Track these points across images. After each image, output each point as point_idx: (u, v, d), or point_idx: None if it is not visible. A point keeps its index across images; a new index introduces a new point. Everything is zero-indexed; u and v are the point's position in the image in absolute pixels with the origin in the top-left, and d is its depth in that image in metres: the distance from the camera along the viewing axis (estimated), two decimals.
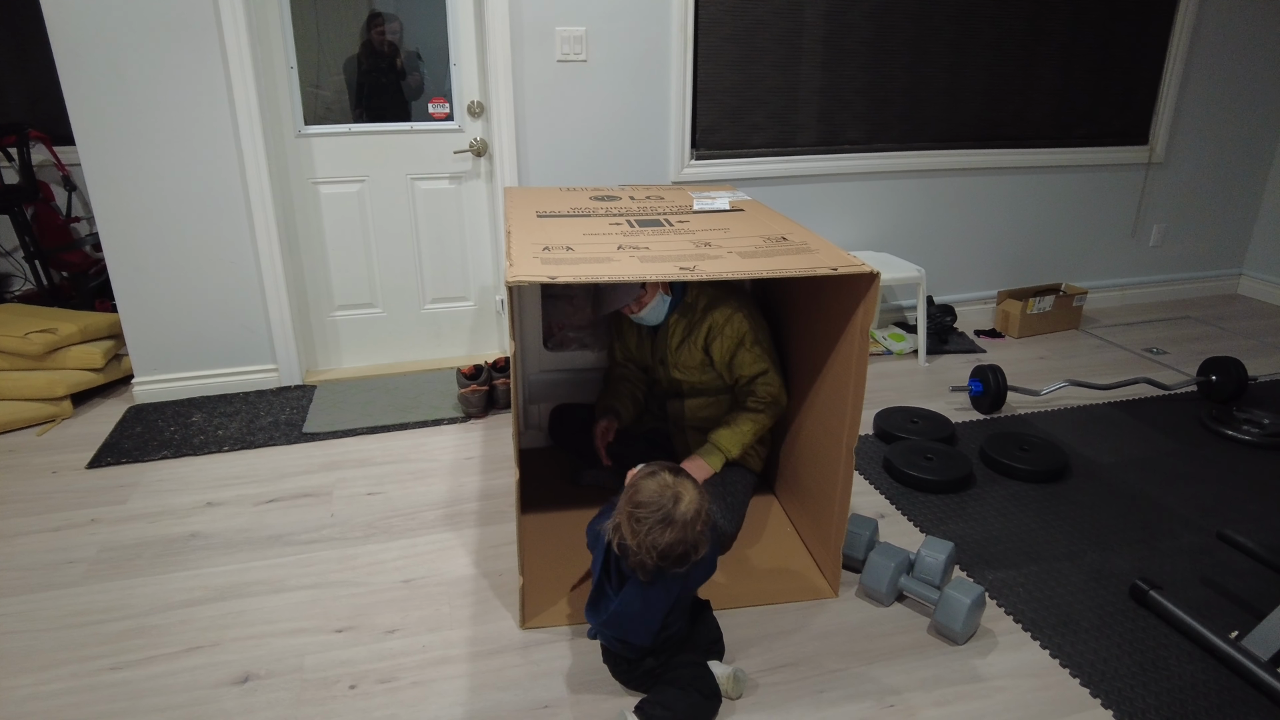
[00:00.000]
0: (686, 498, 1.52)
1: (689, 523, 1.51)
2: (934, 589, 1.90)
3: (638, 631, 1.57)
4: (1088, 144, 3.76)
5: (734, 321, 2.12)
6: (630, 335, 2.34)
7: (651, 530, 1.49)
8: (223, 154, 2.83)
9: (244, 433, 2.77)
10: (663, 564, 1.51)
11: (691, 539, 1.52)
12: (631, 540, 1.51)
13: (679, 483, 1.54)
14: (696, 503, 1.53)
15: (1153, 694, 1.69)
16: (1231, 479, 2.52)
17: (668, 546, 1.50)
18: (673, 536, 1.50)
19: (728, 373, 2.17)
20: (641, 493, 1.53)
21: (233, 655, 1.80)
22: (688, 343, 2.17)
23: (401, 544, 2.20)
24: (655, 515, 1.50)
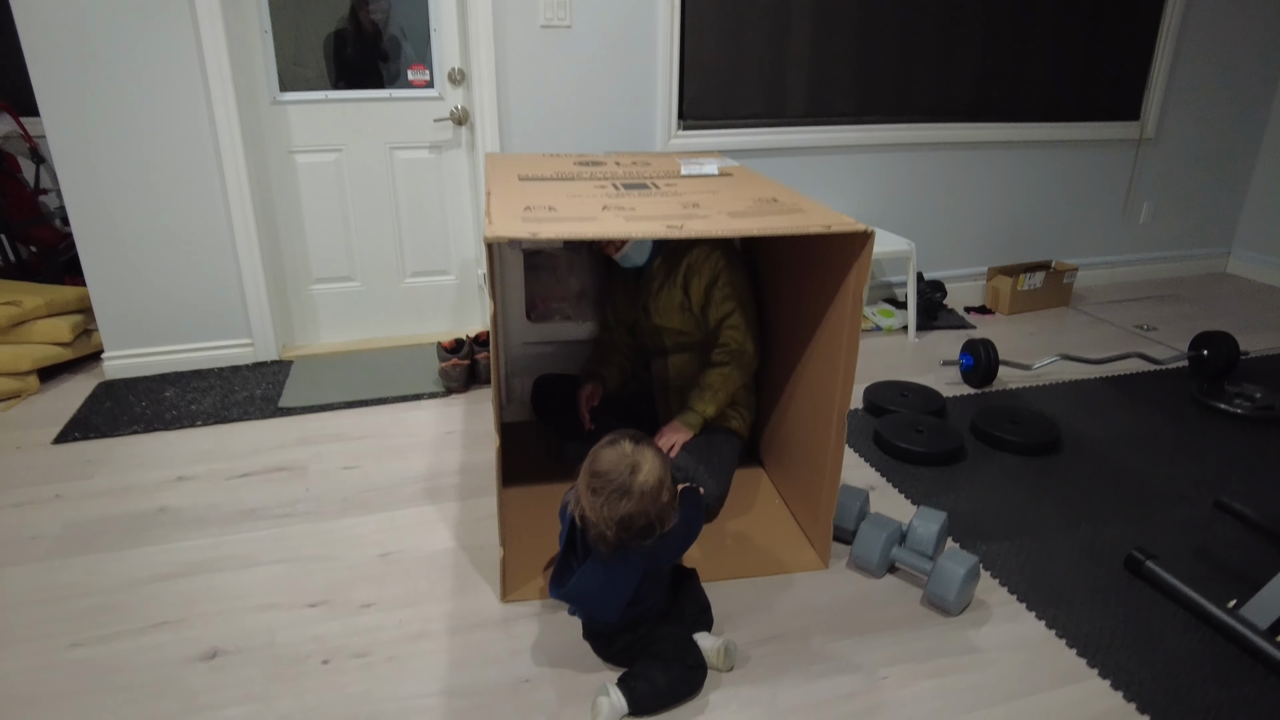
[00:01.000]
0: (645, 467, 1.45)
1: (648, 493, 1.44)
2: (927, 560, 1.85)
3: (601, 608, 1.51)
4: (1079, 119, 3.71)
5: (712, 259, 2.11)
6: (618, 292, 2.31)
7: (609, 501, 1.43)
8: (194, 121, 2.73)
9: (218, 408, 2.69)
10: (623, 536, 1.45)
11: (655, 511, 1.45)
12: (591, 512, 1.45)
13: (638, 451, 1.47)
14: (657, 473, 1.46)
15: (1150, 664, 1.65)
16: (1224, 453, 2.49)
17: (626, 518, 1.43)
18: (631, 508, 1.43)
19: (702, 316, 2.15)
20: (599, 462, 1.47)
21: (200, 631, 1.72)
22: (668, 284, 2.15)
23: (379, 518, 2.13)
24: (611, 485, 1.43)
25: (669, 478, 1.48)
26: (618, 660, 1.60)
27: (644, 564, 1.50)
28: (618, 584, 1.49)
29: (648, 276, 2.20)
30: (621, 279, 2.32)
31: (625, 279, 2.31)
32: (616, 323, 2.36)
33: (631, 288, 2.28)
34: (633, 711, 1.49)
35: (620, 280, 2.33)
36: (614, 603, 1.50)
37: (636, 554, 1.48)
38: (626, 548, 1.46)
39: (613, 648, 1.58)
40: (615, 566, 1.48)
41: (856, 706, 1.55)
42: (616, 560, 1.47)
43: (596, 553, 1.49)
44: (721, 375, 2.08)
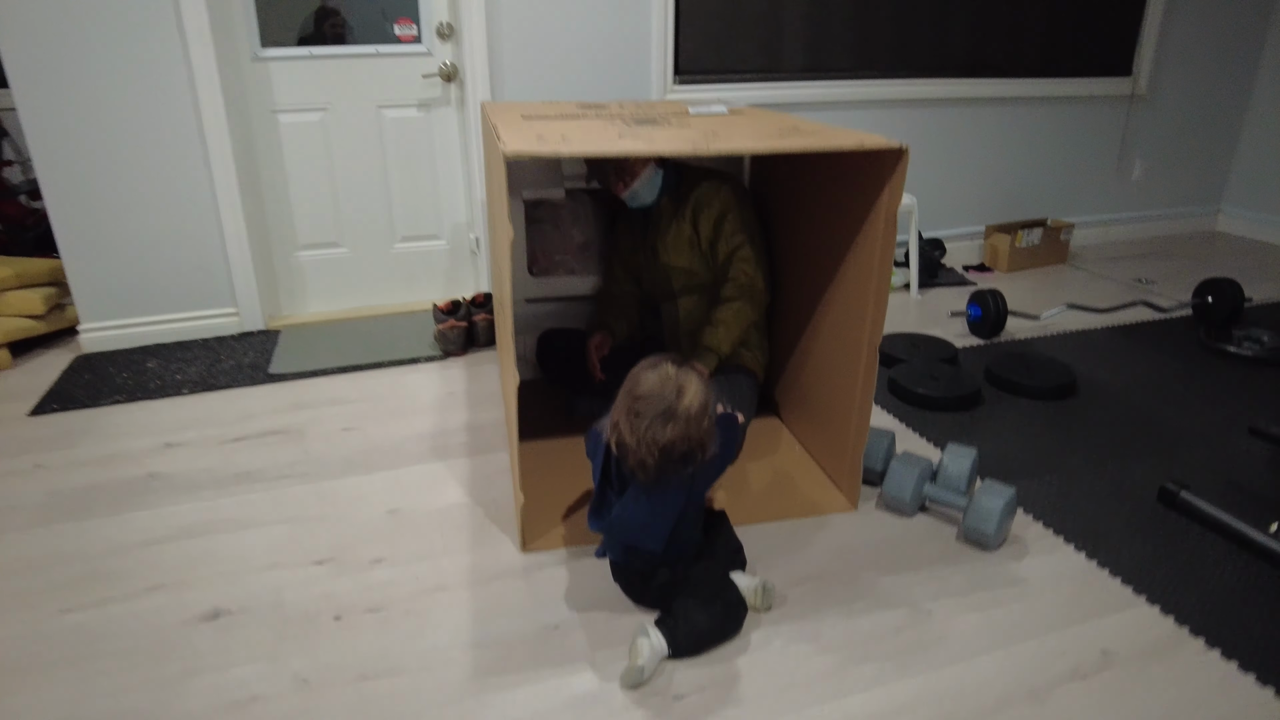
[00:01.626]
0: (691, 390, 1.38)
1: (693, 418, 1.37)
2: (961, 495, 1.79)
3: (645, 538, 1.43)
4: (1072, 75, 3.68)
5: (721, 193, 2.07)
6: (625, 239, 2.25)
7: (652, 426, 1.35)
8: (172, 80, 2.60)
9: (204, 376, 2.56)
10: (665, 464, 1.37)
11: (697, 436, 1.38)
12: (630, 438, 1.37)
13: (683, 374, 1.40)
14: (702, 395, 1.39)
15: (1196, 590, 1.60)
16: (1239, 393, 2.46)
17: (669, 444, 1.35)
18: (675, 433, 1.35)
19: (711, 252, 2.09)
20: (641, 385, 1.38)
21: (201, 593, 1.61)
22: (676, 220, 2.11)
23: (383, 476, 2.03)
24: (656, 409, 1.35)
25: (711, 402, 1.40)
26: (651, 602, 1.52)
27: (685, 492, 1.42)
28: (661, 512, 1.41)
29: (655, 216, 2.13)
30: (628, 224, 2.24)
31: (631, 225, 2.22)
32: (623, 272, 2.28)
33: (638, 233, 2.20)
34: (674, 652, 1.41)
35: (626, 226, 2.25)
36: (657, 532, 1.41)
37: (678, 480, 1.40)
38: (668, 475, 1.38)
39: (649, 586, 1.49)
40: (657, 494, 1.40)
41: (905, 640, 1.48)
42: (658, 488, 1.39)
43: (635, 482, 1.40)
44: (733, 310, 2.02)
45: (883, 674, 1.40)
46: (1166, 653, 1.45)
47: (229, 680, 1.40)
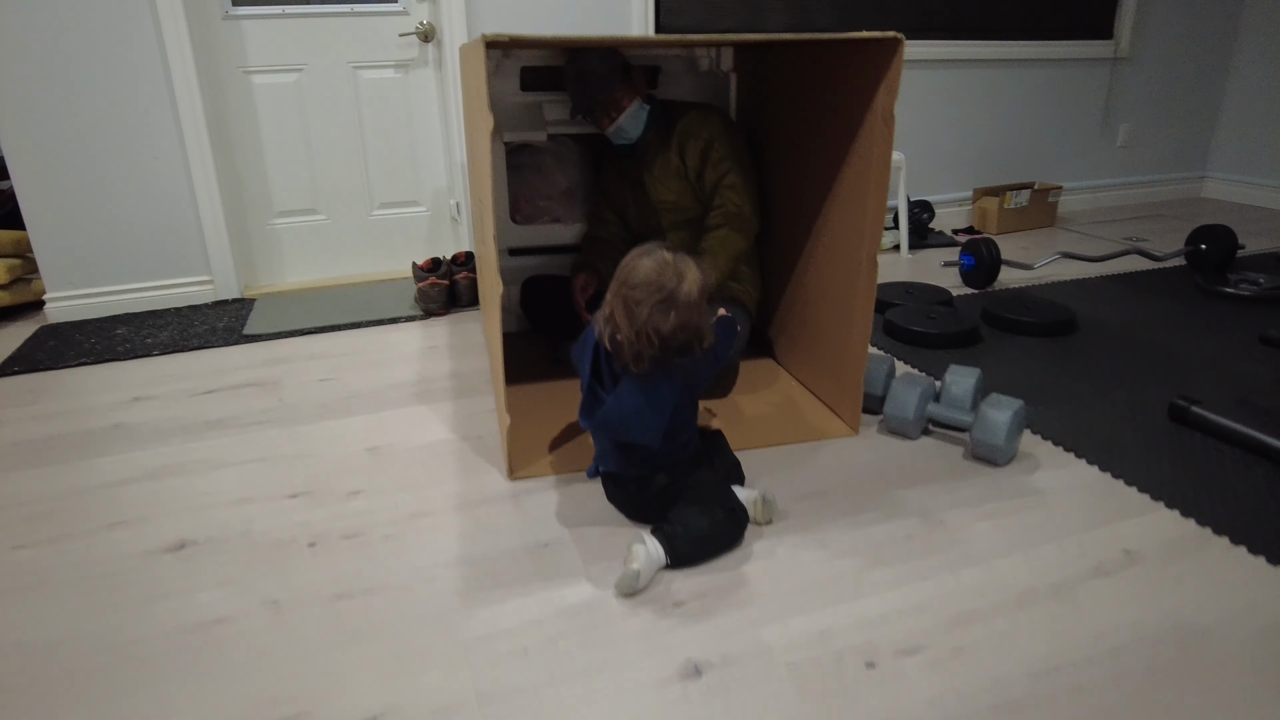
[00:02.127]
0: (690, 275, 1.32)
1: (694, 304, 1.31)
2: (967, 413, 1.72)
3: (639, 429, 1.34)
4: (1055, 38, 3.67)
5: (709, 121, 2.01)
6: (610, 178, 2.18)
7: (653, 314, 1.28)
8: (141, 39, 2.52)
9: (176, 339, 2.46)
10: (665, 354, 1.30)
11: (696, 323, 1.32)
12: (629, 329, 1.29)
13: (680, 260, 1.33)
14: (699, 281, 1.32)
15: (1217, 495, 1.53)
16: (1241, 324, 2.41)
17: (671, 333, 1.29)
18: (677, 320, 1.29)
19: (698, 182, 2.02)
20: (638, 273, 1.31)
21: (164, 526, 1.51)
22: (663, 153, 2.04)
23: (362, 419, 1.93)
24: (656, 296, 1.28)
25: (709, 287, 1.33)
26: (648, 515, 1.43)
27: (681, 380, 1.34)
28: (655, 403, 1.32)
29: (640, 150, 2.07)
30: (614, 166, 2.17)
31: (618, 166, 2.15)
32: (610, 213, 2.21)
33: (625, 172, 2.13)
34: (672, 560, 1.32)
35: (612, 166, 2.18)
36: (654, 423, 1.33)
37: (675, 370, 1.32)
38: (665, 365, 1.30)
39: (646, 493, 1.40)
40: (652, 383, 1.32)
41: (919, 546, 1.40)
42: (652, 378, 1.31)
43: (629, 374, 1.32)
44: (719, 238, 1.95)
45: (898, 577, 1.32)
46: (1191, 550, 1.38)
47: (192, 604, 1.29)
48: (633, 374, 1.32)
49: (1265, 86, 3.98)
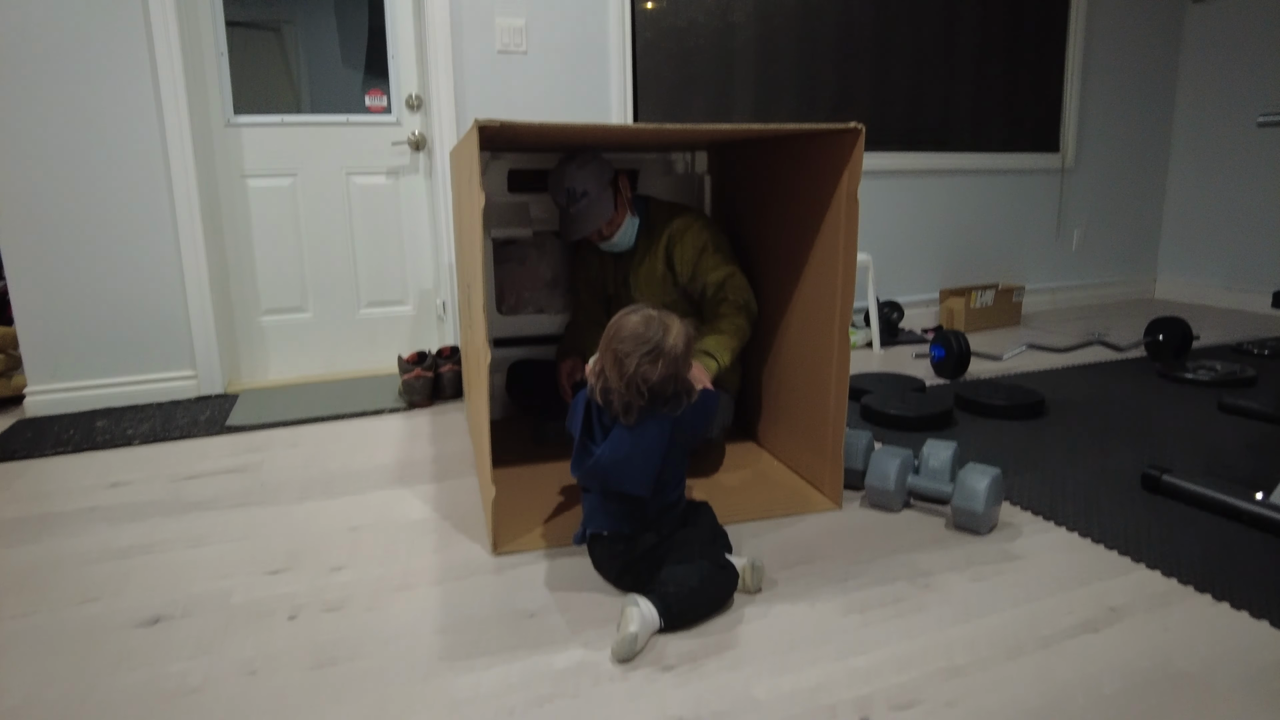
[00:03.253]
0: (675, 328, 1.41)
1: (679, 356, 1.39)
2: (946, 483, 1.75)
3: (630, 477, 1.37)
4: (1006, 150, 3.95)
5: (693, 229, 2.05)
6: (592, 260, 2.25)
7: (641, 364, 1.35)
8: (145, 143, 2.65)
9: (157, 430, 2.45)
10: (653, 405, 1.37)
11: (682, 374, 1.40)
12: (618, 380, 1.35)
13: (665, 314, 1.42)
14: (685, 335, 1.41)
15: (1194, 554, 1.56)
16: (1202, 404, 2.50)
17: (660, 382, 1.36)
18: (664, 370, 1.36)
19: (692, 284, 2.06)
20: (625, 328, 1.39)
21: (139, 601, 1.47)
22: (649, 257, 2.08)
23: (345, 500, 1.92)
24: (644, 348, 1.36)
25: (692, 340, 1.41)
26: (636, 576, 1.42)
27: (669, 430, 1.37)
28: (645, 449, 1.35)
29: (627, 251, 2.15)
30: (594, 253, 2.26)
31: (598, 254, 2.25)
32: (589, 298, 2.28)
33: (608, 260, 2.22)
34: (666, 621, 1.30)
35: (593, 255, 2.27)
36: (644, 470, 1.36)
37: (663, 420, 1.36)
38: (654, 415, 1.35)
39: (634, 553, 1.40)
40: (642, 431, 1.36)
41: (907, 607, 1.39)
42: (641, 427, 1.36)
43: (619, 425, 1.36)
44: (732, 323, 1.97)
45: (888, 635, 1.31)
46: (1176, 605, 1.39)
47: (164, 674, 1.25)
48: (623, 424, 1.36)
49: (1201, 193, 4.27)
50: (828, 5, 3.45)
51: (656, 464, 1.36)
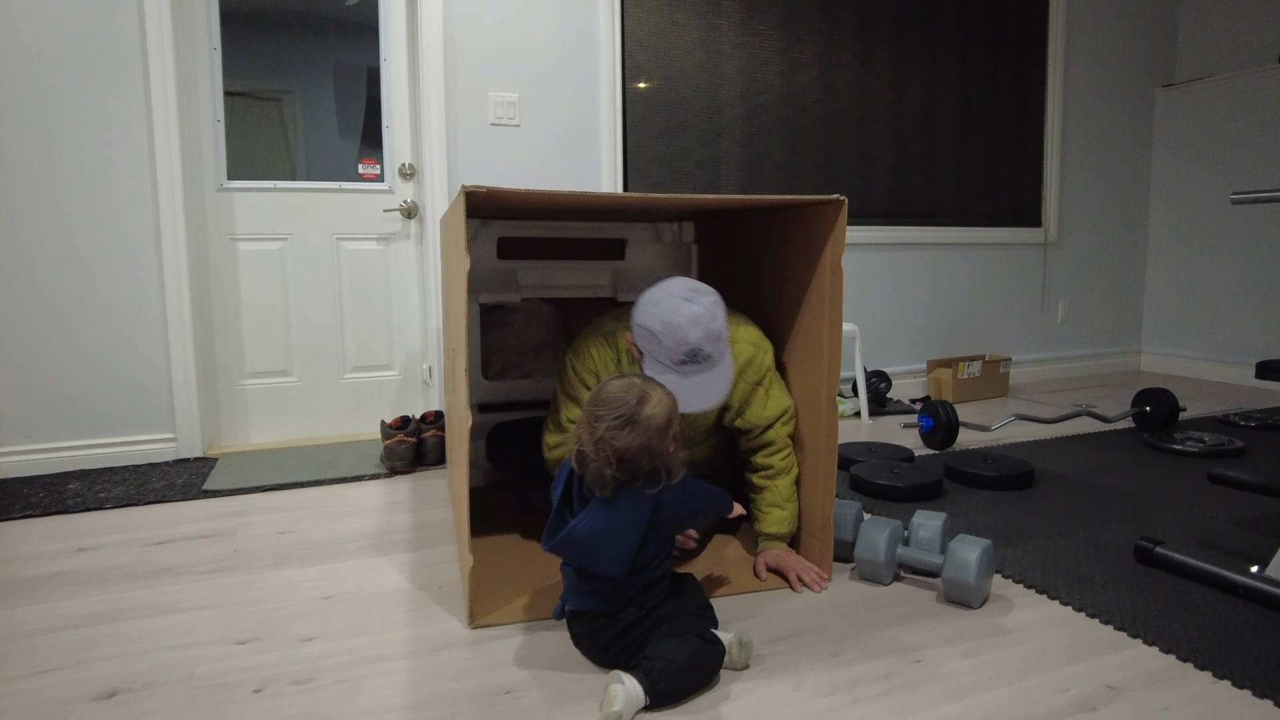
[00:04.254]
0: (654, 399, 1.36)
1: (655, 429, 1.33)
2: (936, 554, 1.72)
3: (601, 555, 1.32)
4: (989, 224, 4.03)
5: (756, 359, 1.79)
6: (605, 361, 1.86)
7: (610, 429, 1.31)
8: (137, 203, 2.67)
9: (131, 494, 2.39)
10: (622, 475, 1.32)
11: (659, 451, 1.34)
12: (590, 446, 1.32)
13: (649, 385, 1.38)
14: (666, 408, 1.36)
15: (1191, 630, 1.52)
16: (1191, 475, 2.49)
17: (630, 452, 1.31)
18: (634, 441, 1.31)
19: (738, 415, 1.81)
20: (605, 391, 1.36)
21: (96, 673, 1.40)
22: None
23: (319, 568, 1.86)
24: (615, 412, 1.32)
25: (676, 419, 1.36)
26: (618, 653, 1.36)
27: (649, 510, 1.33)
28: (619, 528, 1.31)
29: None
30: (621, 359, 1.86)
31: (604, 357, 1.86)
32: None
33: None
34: (652, 699, 1.25)
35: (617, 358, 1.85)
36: (617, 551, 1.30)
37: (642, 500, 1.32)
38: (629, 490, 1.30)
39: (614, 629, 1.35)
40: (617, 507, 1.31)
41: (897, 684, 1.34)
42: (617, 503, 1.31)
43: (595, 497, 1.32)
44: (790, 476, 1.81)
45: (879, 713, 1.26)
46: (1175, 683, 1.34)
47: None
48: (599, 498, 1.32)
49: (1180, 267, 4.36)
50: (813, 84, 3.57)
51: (632, 545, 1.32)
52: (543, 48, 3.10)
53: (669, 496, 1.37)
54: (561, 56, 3.13)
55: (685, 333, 1.53)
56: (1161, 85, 4.40)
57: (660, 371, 1.57)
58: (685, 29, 3.33)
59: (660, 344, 1.55)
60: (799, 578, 1.72)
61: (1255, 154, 3.99)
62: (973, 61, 3.91)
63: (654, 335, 1.55)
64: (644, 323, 1.57)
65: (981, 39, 3.92)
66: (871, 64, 3.68)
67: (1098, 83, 4.25)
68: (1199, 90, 4.24)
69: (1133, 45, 4.33)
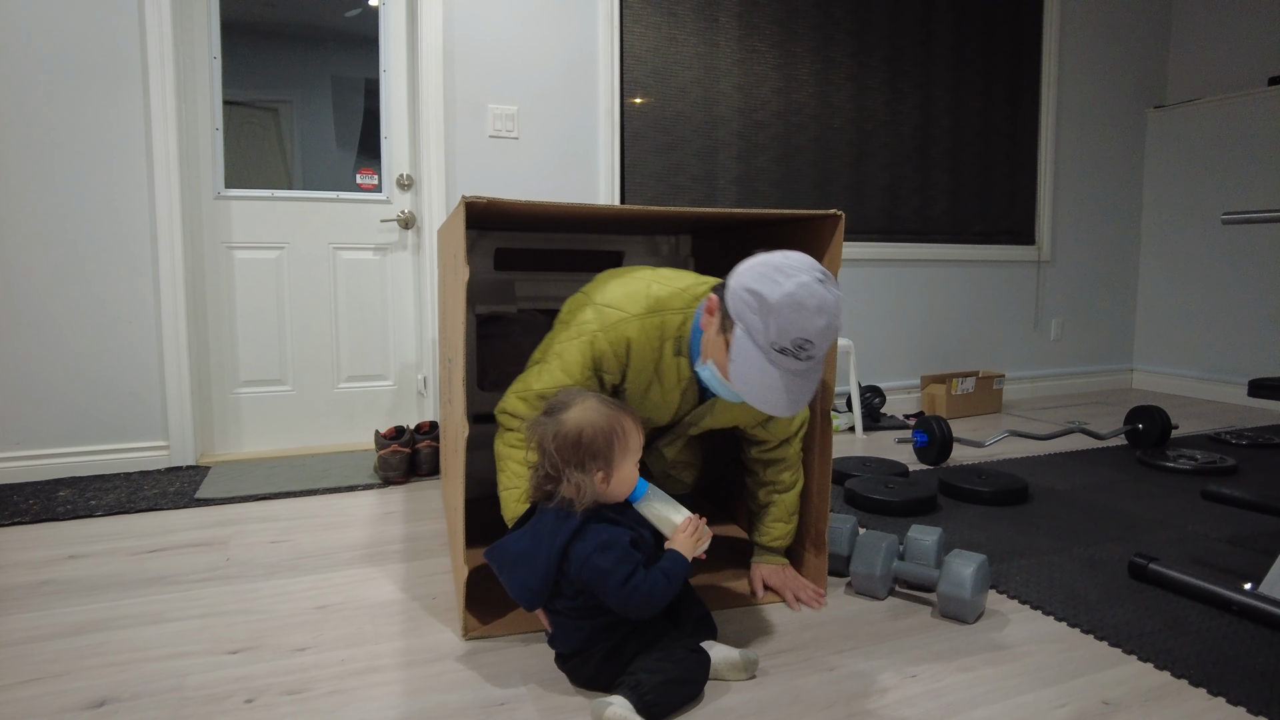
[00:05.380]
0: (580, 411, 1.33)
1: (556, 436, 1.31)
2: (932, 568, 1.71)
3: (514, 581, 1.33)
4: (983, 242, 4.06)
5: None
6: (654, 387, 1.58)
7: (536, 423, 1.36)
8: (134, 210, 2.67)
9: (123, 502, 2.37)
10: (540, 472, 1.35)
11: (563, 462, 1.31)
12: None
13: (590, 399, 1.36)
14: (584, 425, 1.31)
15: (1186, 647, 1.52)
16: (1185, 492, 2.49)
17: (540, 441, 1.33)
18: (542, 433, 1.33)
19: (764, 432, 1.68)
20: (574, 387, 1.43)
21: (85, 683, 1.39)
22: (736, 409, 1.62)
23: (312, 578, 1.85)
24: (554, 400, 1.39)
25: (601, 452, 1.31)
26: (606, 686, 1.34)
27: (560, 545, 1.29)
28: (532, 554, 1.32)
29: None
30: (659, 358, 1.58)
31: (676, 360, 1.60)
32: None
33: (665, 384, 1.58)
34: (642, 710, 1.23)
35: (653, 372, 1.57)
36: (525, 578, 1.31)
37: (559, 526, 1.31)
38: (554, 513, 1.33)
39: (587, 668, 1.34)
40: (538, 531, 1.33)
41: (893, 699, 1.34)
42: (542, 523, 1.34)
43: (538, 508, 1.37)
44: (797, 498, 1.75)
45: None
46: (1170, 700, 1.34)
47: None
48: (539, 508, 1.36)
49: (1171, 286, 4.39)
50: (809, 101, 3.60)
51: (541, 578, 1.30)
52: (542, 61, 3.13)
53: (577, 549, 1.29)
54: (561, 71, 3.16)
55: (809, 318, 1.25)
56: (1153, 106, 4.45)
57: (746, 349, 1.28)
58: (683, 45, 3.36)
59: (769, 318, 1.25)
60: (796, 596, 1.71)
61: (1246, 174, 4.04)
62: (967, 81, 3.95)
63: (767, 305, 1.25)
64: (758, 287, 1.27)
65: (976, 59, 3.96)
66: (867, 82, 3.72)
67: (1090, 103, 4.30)
68: (1190, 112, 4.29)
69: (1125, 66, 4.38)
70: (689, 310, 1.52)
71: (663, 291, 1.53)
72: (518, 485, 1.52)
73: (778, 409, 1.29)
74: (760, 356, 1.28)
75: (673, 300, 1.52)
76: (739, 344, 1.30)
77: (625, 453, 1.33)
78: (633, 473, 1.36)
